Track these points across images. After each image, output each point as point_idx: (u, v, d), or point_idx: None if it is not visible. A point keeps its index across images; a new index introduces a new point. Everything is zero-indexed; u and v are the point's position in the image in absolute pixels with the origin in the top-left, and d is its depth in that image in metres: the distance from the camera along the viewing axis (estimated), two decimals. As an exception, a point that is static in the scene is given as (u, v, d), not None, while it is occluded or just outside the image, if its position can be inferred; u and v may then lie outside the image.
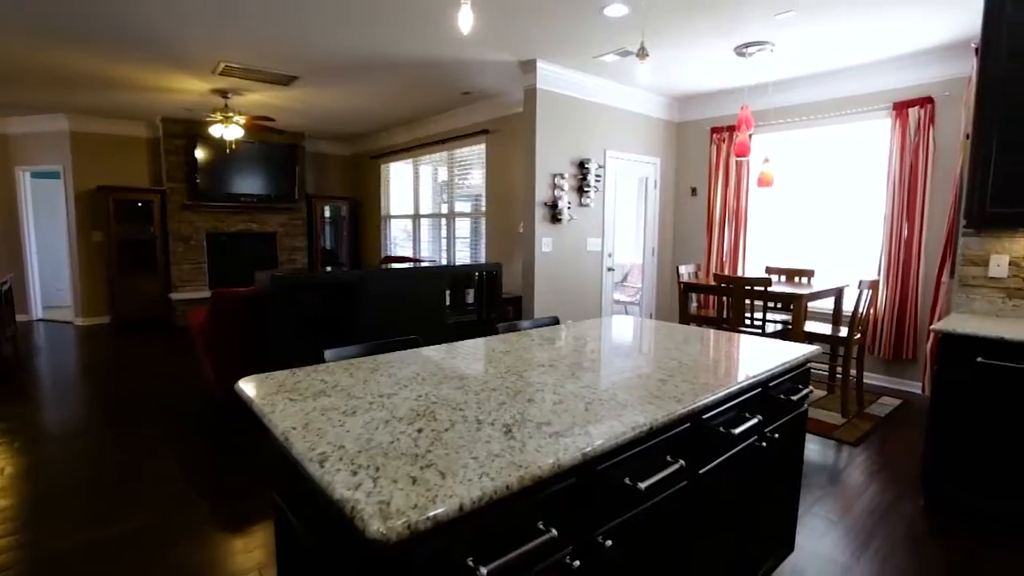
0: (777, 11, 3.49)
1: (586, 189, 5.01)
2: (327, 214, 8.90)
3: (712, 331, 2.30)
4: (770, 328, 4.03)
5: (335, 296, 3.81)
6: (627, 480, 1.17)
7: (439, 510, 0.82)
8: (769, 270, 4.90)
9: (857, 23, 3.66)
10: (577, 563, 1.06)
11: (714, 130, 5.69)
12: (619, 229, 5.76)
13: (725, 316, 4.04)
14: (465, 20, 2.22)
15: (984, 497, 2.49)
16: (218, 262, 7.59)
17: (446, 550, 0.86)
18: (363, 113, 6.74)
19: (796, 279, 4.68)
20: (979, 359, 2.43)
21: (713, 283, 4.07)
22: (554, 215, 4.78)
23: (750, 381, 1.58)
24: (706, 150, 5.82)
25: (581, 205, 5.05)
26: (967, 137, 3.16)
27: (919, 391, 4.47)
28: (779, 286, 4.14)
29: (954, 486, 2.57)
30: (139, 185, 7.24)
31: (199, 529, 2.48)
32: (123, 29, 3.86)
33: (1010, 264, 2.82)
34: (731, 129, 5.50)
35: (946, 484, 2.60)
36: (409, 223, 8.08)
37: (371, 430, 1.12)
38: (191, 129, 7.03)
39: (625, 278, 7.59)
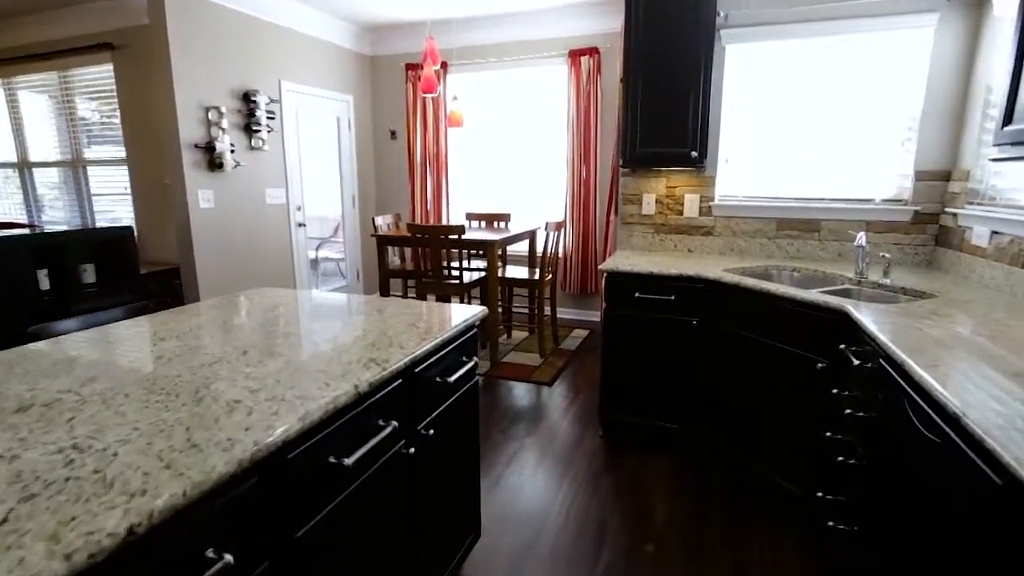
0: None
1: (256, 128, 4.05)
2: None
3: (365, 299, 1.85)
4: (470, 277, 3.89)
5: None
6: None
7: None
8: (469, 216, 4.80)
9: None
10: None
11: (409, 67, 5.24)
12: (315, 177, 4.97)
13: (427, 269, 3.74)
14: None
15: (641, 416, 2.69)
16: None
17: None
18: None
19: (495, 224, 4.67)
20: (637, 294, 2.55)
21: (408, 234, 3.71)
22: (212, 160, 3.74)
23: (392, 369, 1.16)
24: (403, 88, 5.36)
25: (252, 148, 4.09)
26: (622, 82, 3.34)
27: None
28: (476, 232, 4.00)
29: (622, 411, 2.73)
30: None
31: None
32: None
33: (656, 202, 3.07)
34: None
35: (616, 411, 2.75)
36: (16, 175, 5.76)
37: None
38: None
39: (335, 232, 6.85)
